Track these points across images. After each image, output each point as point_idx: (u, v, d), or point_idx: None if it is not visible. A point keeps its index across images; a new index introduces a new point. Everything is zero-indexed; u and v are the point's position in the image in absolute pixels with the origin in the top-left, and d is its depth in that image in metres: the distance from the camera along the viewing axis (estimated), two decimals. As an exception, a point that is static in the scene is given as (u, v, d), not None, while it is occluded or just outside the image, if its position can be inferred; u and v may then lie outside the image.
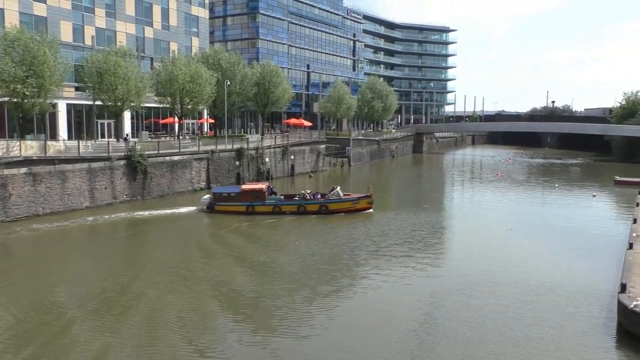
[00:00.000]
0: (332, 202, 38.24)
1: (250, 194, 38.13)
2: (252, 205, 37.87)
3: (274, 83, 65.91)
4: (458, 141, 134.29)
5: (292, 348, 16.45)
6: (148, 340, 16.92)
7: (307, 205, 38.04)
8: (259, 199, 37.99)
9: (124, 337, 17.06)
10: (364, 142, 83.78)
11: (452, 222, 38.05)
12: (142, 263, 26.30)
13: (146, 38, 62.18)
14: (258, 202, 37.93)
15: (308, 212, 37.63)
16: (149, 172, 43.41)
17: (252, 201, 37.96)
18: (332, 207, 37.91)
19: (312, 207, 37.96)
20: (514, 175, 67.87)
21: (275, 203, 38.38)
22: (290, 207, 38.09)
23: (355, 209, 38.04)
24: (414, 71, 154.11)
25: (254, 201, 37.95)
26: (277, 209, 37.93)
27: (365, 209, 38.29)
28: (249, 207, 37.85)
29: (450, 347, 16.25)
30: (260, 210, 37.78)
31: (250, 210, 37.79)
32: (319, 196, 38.99)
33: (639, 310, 16.21)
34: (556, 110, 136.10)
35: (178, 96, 52.41)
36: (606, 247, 28.77)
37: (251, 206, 37.88)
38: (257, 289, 21.97)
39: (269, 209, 37.89)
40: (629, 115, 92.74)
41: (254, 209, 37.80)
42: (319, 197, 38.82)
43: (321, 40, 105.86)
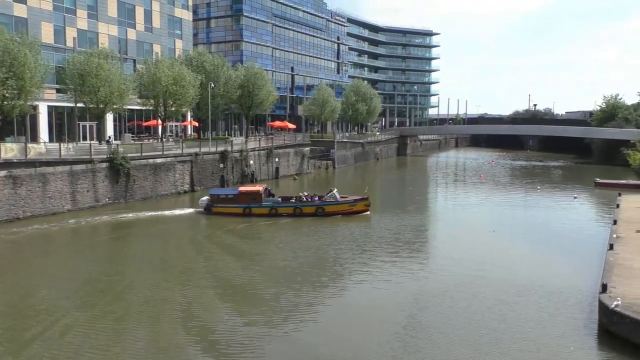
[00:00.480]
0: (328, 204, 38.24)
1: (248, 196, 38.28)
2: (249, 207, 37.99)
3: (258, 85, 65.75)
4: (442, 144, 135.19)
5: (273, 350, 16.39)
6: (133, 342, 16.75)
7: (303, 207, 38.07)
8: (255, 201, 38.10)
9: (110, 341, 16.87)
10: (349, 145, 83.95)
11: (436, 225, 38.28)
12: (132, 264, 26.06)
13: (129, 40, 61.69)
14: (255, 204, 38.00)
15: (304, 214, 37.63)
16: (132, 174, 43.03)
17: (249, 203, 38.08)
18: (329, 210, 37.91)
19: (309, 209, 37.98)
20: (496, 177, 68.48)
21: (272, 205, 38.43)
22: (286, 209, 38.14)
23: (351, 212, 37.98)
24: (397, 74, 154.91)
25: (250, 203, 38.06)
26: (273, 211, 38.00)
27: (362, 211, 38.19)
28: (245, 209, 37.96)
29: (434, 349, 16.28)
30: (256, 212, 37.86)
31: (247, 212, 37.88)
32: (316, 198, 38.94)
33: (619, 310, 16.43)
34: (538, 114, 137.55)
35: (161, 98, 52.07)
36: (587, 248, 29.11)
37: (248, 208, 37.99)
38: (236, 294, 21.86)
39: (265, 211, 37.97)
40: (608, 119, 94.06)
41: (250, 211, 37.89)
42: (316, 200, 38.77)
43: (305, 43, 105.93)
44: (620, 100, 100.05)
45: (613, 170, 68.68)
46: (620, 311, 16.38)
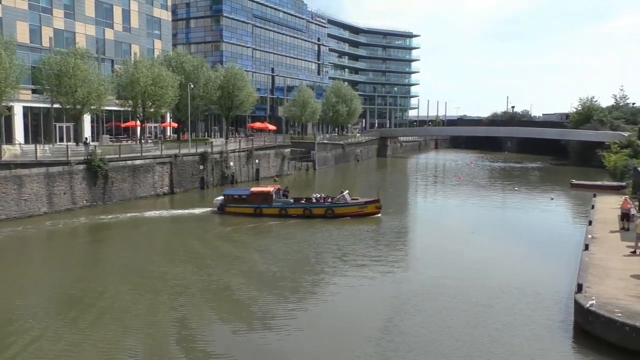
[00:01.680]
0: (338, 205, 38.20)
1: (259, 196, 38.67)
2: (260, 207, 38.33)
3: (238, 86, 65.47)
4: (421, 145, 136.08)
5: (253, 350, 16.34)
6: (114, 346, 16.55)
7: (313, 208, 38.14)
8: (266, 202, 38.36)
9: (88, 344, 16.64)
10: (329, 146, 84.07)
11: (415, 226, 38.50)
12: (110, 269, 25.75)
13: (106, 40, 60.96)
14: (265, 205, 38.25)
15: (314, 216, 37.68)
16: (110, 176, 42.52)
17: (260, 203, 38.39)
18: (338, 211, 37.87)
19: (318, 210, 38.03)
20: (475, 179, 69.13)
21: (282, 206, 38.66)
22: (296, 210, 38.30)
23: (362, 214, 37.88)
24: (378, 76, 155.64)
25: (262, 203, 38.35)
26: (283, 212, 38.22)
27: (373, 213, 38.06)
28: (256, 209, 38.35)
29: (409, 354, 16.19)
30: (267, 212, 38.18)
31: (258, 212, 38.24)
32: (329, 200, 38.94)
33: (594, 309, 16.71)
34: (516, 115, 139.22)
35: (140, 99, 51.53)
36: (563, 248, 29.53)
37: (259, 208, 38.30)
38: (218, 295, 21.75)
39: (275, 211, 38.24)
40: (584, 121, 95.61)
41: (261, 211, 38.18)
42: (329, 201, 38.78)
43: (286, 44, 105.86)
44: (595, 103, 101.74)
45: (588, 172, 69.82)
46: (594, 310, 16.66)
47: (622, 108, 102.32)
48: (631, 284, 19.44)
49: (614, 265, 22.02)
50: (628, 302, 17.36)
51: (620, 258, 23.27)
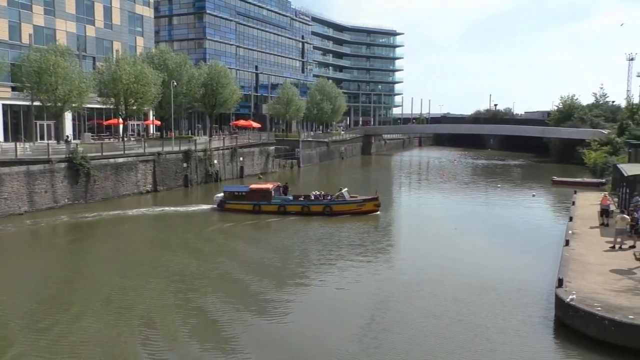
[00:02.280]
0: (336, 203, 38.18)
1: (258, 193, 38.76)
2: (259, 204, 38.39)
3: (221, 84, 65.26)
4: (405, 143, 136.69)
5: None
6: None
7: (311, 205, 38.20)
8: (265, 199, 38.43)
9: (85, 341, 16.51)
10: (314, 144, 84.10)
11: (399, 223, 38.64)
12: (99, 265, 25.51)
13: (88, 37, 60.37)
14: (264, 202, 38.35)
15: (312, 213, 37.72)
16: (92, 174, 42.10)
17: (259, 200, 38.44)
18: (336, 209, 37.86)
19: (316, 207, 38.08)
20: (459, 176, 69.69)
21: (281, 203, 38.72)
22: (294, 207, 38.36)
23: (360, 211, 37.83)
24: (362, 73, 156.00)
25: (260, 200, 38.41)
26: (282, 209, 38.31)
27: (372, 211, 37.99)
28: (255, 206, 38.45)
29: (390, 352, 16.10)
30: (265, 209, 38.26)
31: (257, 209, 38.37)
32: (329, 197, 38.97)
33: (574, 303, 16.96)
34: (498, 113, 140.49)
35: (122, 97, 51.14)
36: (545, 244, 29.86)
37: (258, 205, 38.37)
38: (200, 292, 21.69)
39: (274, 208, 38.37)
40: (565, 119, 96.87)
41: (260, 208, 38.28)
42: (328, 198, 38.80)
43: (269, 41, 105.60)
44: (576, 101, 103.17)
45: (569, 169, 70.74)
46: (575, 305, 16.91)
47: (602, 106, 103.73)
48: (610, 279, 19.77)
49: (593, 260, 22.36)
50: (607, 297, 17.65)
51: (600, 253, 23.64)
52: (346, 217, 37.18)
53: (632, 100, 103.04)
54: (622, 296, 17.76)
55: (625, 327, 15.54)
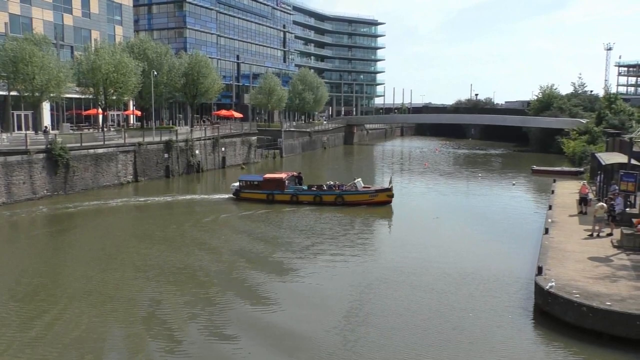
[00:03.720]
0: (348, 193, 38.32)
1: (272, 183, 39.21)
2: (272, 193, 38.80)
3: (202, 74, 64.66)
4: (388, 133, 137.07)
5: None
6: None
7: (323, 195, 38.38)
8: (279, 188, 38.75)
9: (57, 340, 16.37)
10: (296, 134, 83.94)
11: (381, 212, 38.73)
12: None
13: (65, 26, 59.30)
14: (278, 191, 38.68)
15: (324, 203, 37.95)
16: (72, 165, 41.57)
17: (272, 190, 38.78)
18: (348, 199, 38.07)
19: (328, 197, 38.27)
20: (440, 166, 70.16)
21: (294, 192, 39.00)
22: (307, 197, 38.63)
23: (373, 202, 37.92)
24: (344, 63, 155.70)
25: (274, 190, 38.76)
26: (294, 198, 38.62)
27: (385, 202, 38.05)
28: (269, 195, 38.88)
29: (368, 344, 16.03)
30: (279, 199, 38.68)
31: (271, 198, 38.83)
32: (343, 187, 39.09)
33: (553, 291, 17.27)
34: (479, 103, 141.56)
35: (101, 87, 50.46)
36: (525, 232, 30.29)
37: (271, 194, 38.73)
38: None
39: (287, 197, 38.68)
40: (544, 108, 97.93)
41: (274, 198, 38.73)
42: (343, 188, 38.92)
43: (251, 30, 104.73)
44: (555, 91, 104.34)
45: (549, 158, 71.69)
46: (554, 292, 17.22)
47: (581, 96, 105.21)
48: (588, 266, 20.15)
49: (572, 248, 22.76)
50: (585, 284, 18.00)
51: (578, 241, 24.06)
52: (347, 208, 37.18)
53: (609, 90, 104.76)
54: (600, 283, 18.13)
55: (603, 313, 15.88)
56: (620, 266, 20.17)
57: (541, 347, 16.25)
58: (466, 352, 15.62)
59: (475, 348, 15.92)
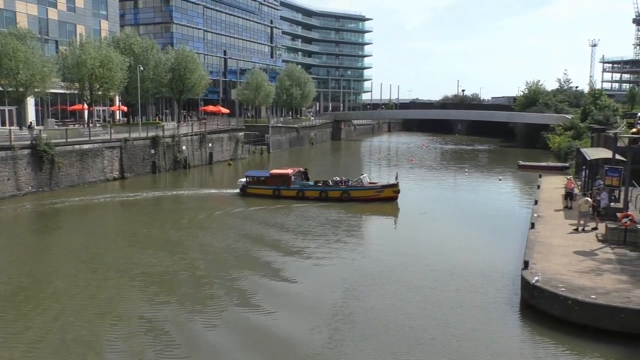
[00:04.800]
0: (354, 189, 38.31)
1: (278, 178, 39.26)
2: (279, 189, 38.83)
3: (189, 69, 64.27)
4: (375, 128, 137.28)
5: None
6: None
7: (329, 191, 38.41)
8: (285, 184, 38.75)
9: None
10: (283, 130, 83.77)
11: (368, 207, 38.70)
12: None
13: (50, 20, 58.56)
14: (284, 187, 38.66)
15: (330, 199, 37.94)
16: (57, 161, 41.15)
17: (279, 185, 38.76)
18: (354, 195, 38.06)
19: (334, 193, 38.28)
20: (427, 161, 70.45)
21: (300, 188, 39.05)
22: (313, 193, 38.67)
23: (379, 198, 37.88)
24: (331, 59, 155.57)
25: (280, 185, 38.74)
26: (300, 194, 38.64)
27: (391, 198, 37.90)
28: (275, 190, 38.88)
29: (354, 342, 15.90)
30: (285, 194, 38.70)
31: (277, 194, 38.86)
32: (349, 183, 39.07)
33: (539, 285, 17.45)
34: (466, 99, 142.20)
35: (87, 82, 49.90)
36: (512, 227, 30.44)
37: (277, 190, 38.78)
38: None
39: (293, 193, 38.72)
40: (530, 104, 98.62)
41: (280, 193, 38.75)
42: (349, 184, 38.90)
43: (238, 26, 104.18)
44: (541, 87, 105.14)
45: (535, 153, 72.21)
46: (540, 286, 17.40)
47: (566, 91, 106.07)
48: (574, 260, 20.38)
49: (557, 242, 22.99)
50: (571, 277, 18.20)
51: (564, 235, 24.31)
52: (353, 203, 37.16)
53: (594, 86, 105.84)
54: (585, 277, 18.34)
55: (588, 306, 16.08)
56: (605, 260, 20.42)
57: (528, 341, 16.43)
58: (453, 348, 15.70)
59: (462, 343, 15.99)
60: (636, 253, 21.25)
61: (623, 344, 15.39)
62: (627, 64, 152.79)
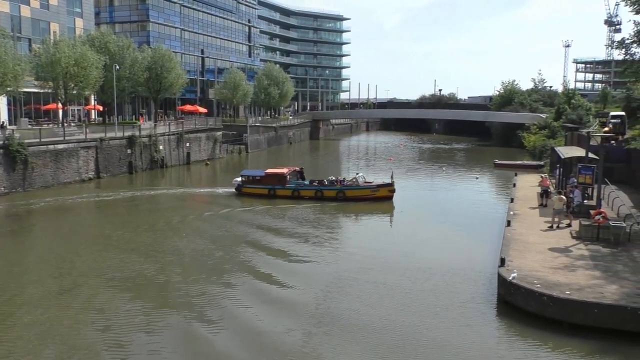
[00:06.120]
0: (349, 188, 38.17)
1: (273, 178, 39.11)
2: (274, 188, 38.72)
3: (166, 68, 63.73)
4: (353, 128, 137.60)
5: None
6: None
7: (324, 190, 38.26)
8: (280, 183, 38.56)
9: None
10: (261, 129, 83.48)
11: (346, 207, 38.71)
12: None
13: (22, 17, 57.48)
14: (279, 186, 38.45)
15: (325, 198, 37.80)
16: (30, 162, 40.38)
17: (274, 185, 38.56)
18: (350, 194, 37.95)
19: (330, 192, 38.14)
20: (405, 160, 70.86)
21: (295, 187, 38.89)
22: (308, 192, 38.53)
23: (374, 197, 37.76)
24: (309, 58, 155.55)
25: (275, 185, 38.54)
26: (296, 193, 38.55)
27: (386, 197, 37.78)
28: (270, 190, 38.76)
29: (329, 346, 15.75)
30: (280, 193, 38.62)
31: (272, 193, 38.73)
32: (345, 182, 38.93)
33: (515, 281, 17.70)
34: (443, 98, 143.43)
35: (61, 81, 49.14)
36: (488, 225, 30.77)
37: (273, 189, 38.67)
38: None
39: (288, 192, 38.64)
40: (506, 103, 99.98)
41: (275, 192, 38.61)
42: (344, 183, 38.76)
43: (215, 25, 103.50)
44: (516, 86, 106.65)
45: (511, 152, 73.18)
46: (516, 282, 17.65)
47: (540, 91, 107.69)
48: (548, 257, 20.71)
49: (533, 239, 23.33)
50: (546, 274, 18.50)
51: (539, 233, 24.68)
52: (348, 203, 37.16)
53: (568, 86, 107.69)
54: (560, 273, 18.66)
55: (562, 302, 16.36)
56: (579, 256, 20.80)
57: (504, 337, 16.64)
58: (429, 344, 15.85)
59: (438, 340, 16.12)
60: (609, 249, 21.69)
61: (596, 338, 15.68)
62: (599, 65, 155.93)
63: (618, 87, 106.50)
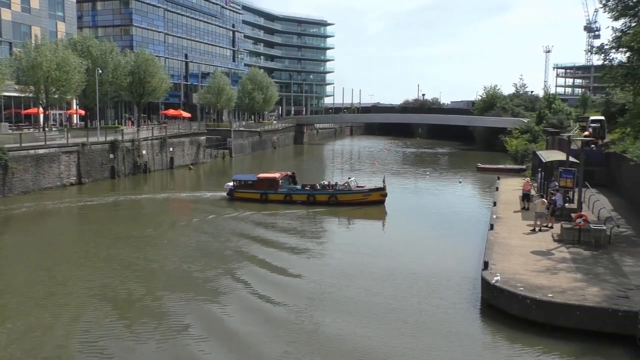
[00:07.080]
0: (341, 193, 38.05)
1: (265, 183, 39.01)
2: (266, 193, 38.66)
3: (149, 72, 63.32)
4: (337, 132, 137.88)
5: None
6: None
7: (316, 195, 38.12)
8: (272, 188, 38.38)
9: None
10: (245, 134, 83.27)
11: (330, 213, 38.54)
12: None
13: (3, 21, 56.79)
14: (271, 191, 38.29)
15: (318, 202, 37.68)
16: (10, 167, 39.79)
17: (266, 189, 38.35)
18: (342, 199, 37.86)
19: (322, 197, 38.03)
20: (389, 164, 71.09)
21: (287, 192, 38.70)
22: (300, 197, 38.41)
23: (366, 202, 37.71)
24: (293, 63, 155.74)
25: (268, 189, 38.37)
26: (288, 198, 38.46)
27: (378, 201, 37.82)
28: (262, 194, 38.68)
29: (319, 349, 15.73)
30: (272, 198, 38.59)
31: (264, 198, 38.67)
32: (337, 187, 38.84)
33: (498, 284, 17.84)
34: (426, 103, 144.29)
35: (43, 85, 48.58)
36: (472, 229, 30.91)
37: (265, 194, 38.57)
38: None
39: (281, 197, 38.59)
40: (488, 108, 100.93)
41: (267, 197, 38.56)
42: (337, 188, 38.66)
43: (199, 29, 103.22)
44: (498, 91, 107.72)
45: (493, 156, 73.81)
46: (499, 286, 17.78)
47: (522, 96, 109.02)
48: (531, 260, 20.91)
49: (516, 242, 23.54)
50: (528, 277, 18.67)
51: (521, 236, 24.91)
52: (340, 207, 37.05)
53: (549, 91, 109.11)
54: (542, 276, 18.85)
55: (545, 305, 16.53)
56: (561, 259, 21.04)
57: (488, 340, 16.76)
58: (413, 346, 15.94)
59: (422, 343, 16.20)
60: (590, 252, 21.97)
61: (579, 340, 15.84)
62: (579, 70, 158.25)
63: (597, 92, 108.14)
